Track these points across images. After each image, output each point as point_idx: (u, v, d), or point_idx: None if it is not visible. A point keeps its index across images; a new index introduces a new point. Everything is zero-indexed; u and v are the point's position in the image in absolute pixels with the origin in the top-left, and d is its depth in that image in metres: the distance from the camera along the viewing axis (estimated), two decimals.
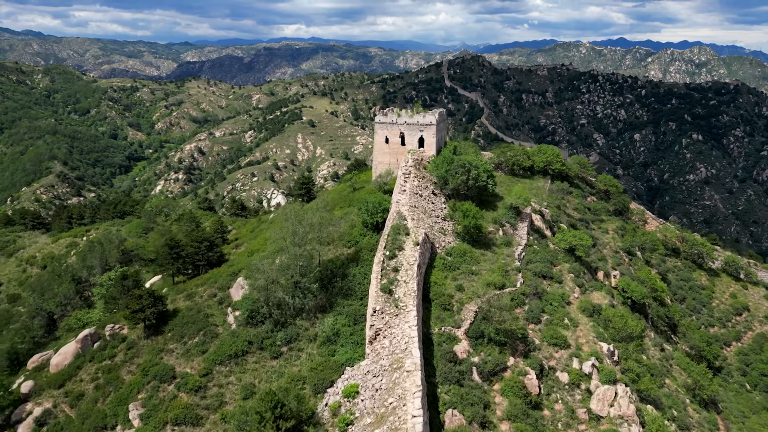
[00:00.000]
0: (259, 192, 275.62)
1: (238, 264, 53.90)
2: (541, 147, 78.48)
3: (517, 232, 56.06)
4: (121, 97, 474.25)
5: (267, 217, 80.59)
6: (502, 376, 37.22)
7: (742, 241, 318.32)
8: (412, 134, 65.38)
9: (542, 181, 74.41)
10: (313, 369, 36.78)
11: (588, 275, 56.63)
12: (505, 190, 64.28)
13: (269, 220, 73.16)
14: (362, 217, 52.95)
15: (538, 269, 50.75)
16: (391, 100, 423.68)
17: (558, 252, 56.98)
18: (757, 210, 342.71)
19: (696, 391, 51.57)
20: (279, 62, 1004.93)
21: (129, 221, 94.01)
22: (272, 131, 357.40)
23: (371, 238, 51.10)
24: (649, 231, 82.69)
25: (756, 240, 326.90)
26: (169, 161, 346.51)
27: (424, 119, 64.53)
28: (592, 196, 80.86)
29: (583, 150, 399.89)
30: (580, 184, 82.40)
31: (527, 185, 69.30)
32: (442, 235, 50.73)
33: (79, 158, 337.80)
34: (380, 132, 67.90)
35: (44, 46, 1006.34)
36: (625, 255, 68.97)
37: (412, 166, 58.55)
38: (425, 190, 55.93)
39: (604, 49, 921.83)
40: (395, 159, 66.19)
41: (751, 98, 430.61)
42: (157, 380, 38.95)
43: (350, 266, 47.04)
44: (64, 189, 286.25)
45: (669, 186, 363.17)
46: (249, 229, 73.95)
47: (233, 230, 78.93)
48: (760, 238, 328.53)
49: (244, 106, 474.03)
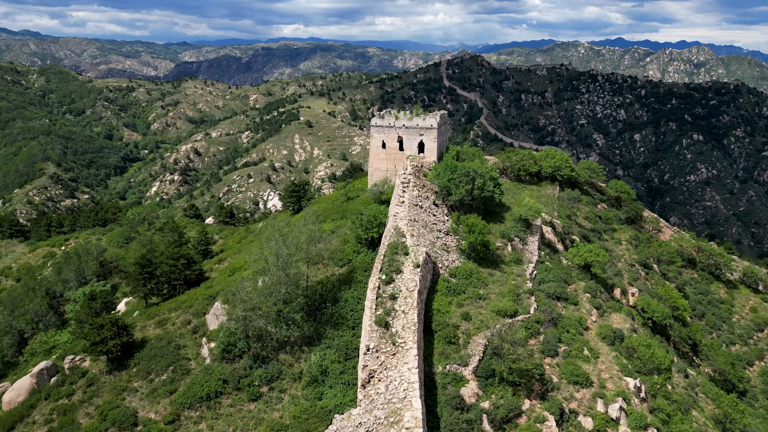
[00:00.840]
0: (256, 194, 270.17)
1: (217, 285, 48.54)
2: (548, 151, 73.35)
3: (527, 247, 50.96)
4: (117, 97, 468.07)
5: (255, 226, 75.23)
6: (516, 423, 32.01)
7: (744, 243, 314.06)
8: (411, 139, 60.43)
9: (550, 187, 69.32)
10: (297, 417, 31.53)
11: (605, 293, 51.52)
12: (512, 198, 59.34)
13: (257, 230, 67.89)
14: (356, 231, 47.97)
15: (552, 290, 45.65)
16: (389, 100, 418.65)
17: (572, 268, 51.92)
18: (759, 211, 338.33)
19: (726, 425, 46.47)
20: (277, 62, 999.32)
21: (111, 229, 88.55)
22: (269, 132, 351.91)
23: (366, 256, 45.93)
24: (664, 241, 77.53)
25: (758, 241, 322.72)
26: (165, 162, 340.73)
27: (424, 122, 59.61)
28: (602, 203, 76.17)
29: (583, 150, 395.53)
30: (590, 190, 77.47)
31: (535, 192, 64.38)
32: (444, 252, 45.47)
33: (74, 159, 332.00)
34: (377, 136, 62.77)
35: (41, 46, 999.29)
36: (641, 269, 63.90)
37: (411, 174, 53.60)
38: (426, 201, 50.71)
39: (602, 49, 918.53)
40: (393, 165, 61.23)
41: (751, 98, 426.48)
42: (116, 427, 33.62)
43: (342, 289, 41.70)
44: (57, 191, 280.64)
45: (669, 187, 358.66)
46: (236, 240, 68.82)
47: (220, 240, 73.63)
48: (761, 240, 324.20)
49: (241, 107, 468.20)
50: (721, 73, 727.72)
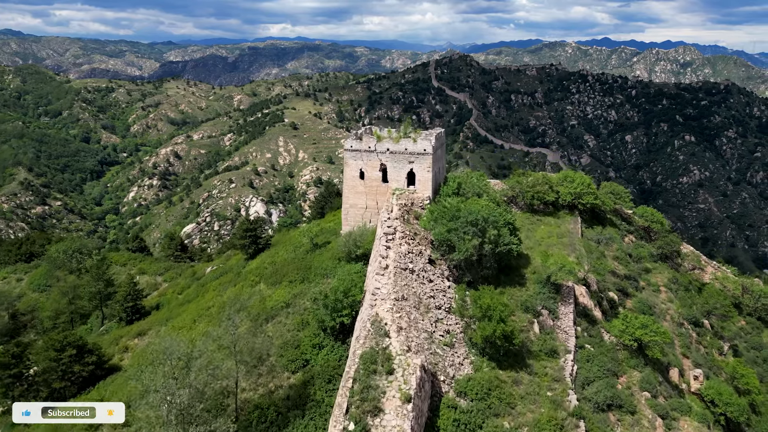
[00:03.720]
0: (237, 199, 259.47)
1: (111, 392, 35.83)
2: (567, 173, 61.59)
3: (560, 323, 39.67)
4: (96, 98, 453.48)
5: (204, 268, 62.38)
6: None
7: (738, 246, 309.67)
8: (397, 167, 47.49)
9: (570, 220, 57.02)
10: None
11: (664, 384, 40.95)
12: (527, 236, 48.63)
13: (208, 278, 56.32)
14: (318, 314, 36.00)
15: (602, 396, 34.87)
16: (376, 101, 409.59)
17: (617, 348, 41.23)
18: (752, 213, 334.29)
19: None
20: (264, 62, 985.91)
21: (37, 265, 73.94)
22: (252, 134, 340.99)
23: (332, 353, 34.24)
24: (708, 283, 65.13)
25: (752, 245, 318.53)
26: (144, 166, 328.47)
27: (415, 146, 46.92)
28: (629, 234, 64.46)
29: (574, 152, 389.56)
30: (614, 218, 65.76)
31: (553, 228, 53.12)
32: (447, 349, 32.88)
33: (47, 163, 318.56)
34: (352, 163, 48.56)
35: (23, 45, 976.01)
36: (691, 329, 52.92)
37: (399, 218, 41.48)
38: (418, 259, 38.27)
39: (589, 48, 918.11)
40: (374, 201, 48.43)
41: (741, 98, 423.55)
42: None
43: (291, 416, 29.18)
44: (27, 197, 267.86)
45: (662, 189, 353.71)
46: (178, 290, 56.23)
47: (164, 284, 61.55)
48: (756, 243, 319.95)
49: (225, 108, 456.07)
50: (708, 73, 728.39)
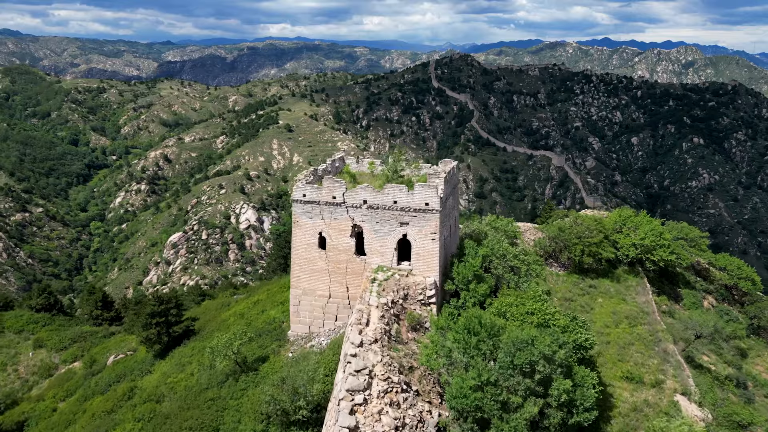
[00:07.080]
0: (227, 206, 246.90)
1: None
2: (626, 216, 46.04)
3: None
4: (86, 98, 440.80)
5: (109, 350, 47.64)
6: None
7: (750, 253, 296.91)
8: (381, 230, 28.72)
9: (634, 283, 41.48)
10: None
11: None
12: (579, 311, 34.46)
13: (91, 387, 41.27)
14: None
15: None
16: (375, 102, 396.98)
17: None
18: (765, 219, 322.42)
19: None
20: (263, 62, 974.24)
21: None
22: (245, 137, 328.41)
23: None
24: None
25: (764, 251, 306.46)
26: (132, 170, 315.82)
27: (410, 197, 27.69)
28: (708, 295, 49.55)
29: (579, 155, 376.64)
30: (686, 274, 50.19)
31: (615, 303, 37.97)
32: None
33: (31, 167, 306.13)
34: (306, 223, 30.31)
35: (20, 45, 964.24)
36: None
37: (379, 339, 22.49)
38: None
39: (590, 48, 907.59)
40: (342, 286, 30.13)
41: (749, 99, 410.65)
42: None
43: None
44: (6, 204, 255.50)
45: (670, 193, 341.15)
46: (61, 395, 42.29)
47: (63, 367, 46.76)
48: None
49: (220, 109, 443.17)
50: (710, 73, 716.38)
